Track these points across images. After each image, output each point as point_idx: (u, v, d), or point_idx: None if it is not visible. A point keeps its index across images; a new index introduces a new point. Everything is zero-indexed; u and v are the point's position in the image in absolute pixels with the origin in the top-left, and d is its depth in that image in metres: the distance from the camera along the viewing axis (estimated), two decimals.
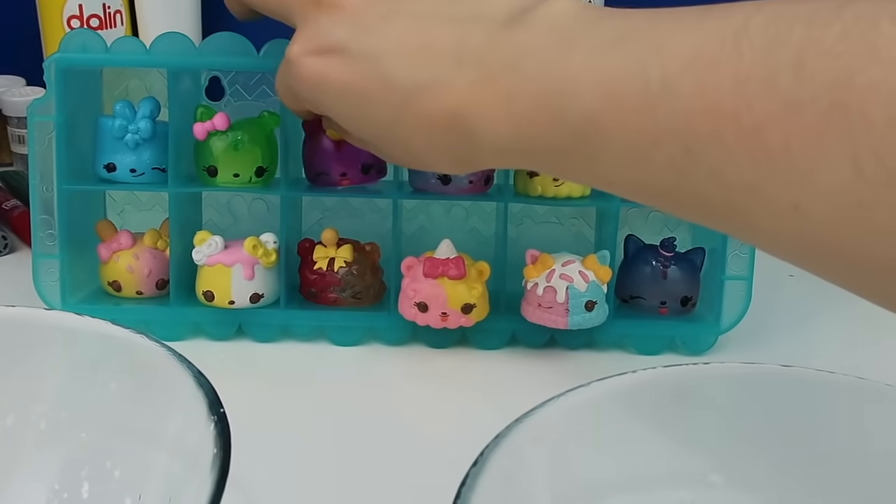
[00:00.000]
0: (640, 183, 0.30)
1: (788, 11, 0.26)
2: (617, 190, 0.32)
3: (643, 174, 0.29)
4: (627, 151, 0.29)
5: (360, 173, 0.53)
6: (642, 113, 0.28)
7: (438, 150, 0.36)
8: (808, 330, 0.58)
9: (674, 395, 0.36)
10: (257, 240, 0.53)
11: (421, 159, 0.38)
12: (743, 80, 0.26)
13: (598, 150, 0.30)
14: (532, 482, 0.31)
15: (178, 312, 0.55)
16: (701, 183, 0.28)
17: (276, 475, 0.41)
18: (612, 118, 0.29)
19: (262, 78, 0.59)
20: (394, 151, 0.39)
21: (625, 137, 0.29)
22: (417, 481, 0.41)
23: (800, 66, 0.25)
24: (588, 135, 0.30)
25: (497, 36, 0.33)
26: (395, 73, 0.35)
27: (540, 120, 0.32)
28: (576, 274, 0.51)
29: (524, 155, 0.33)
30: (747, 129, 0.26)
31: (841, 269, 0.27)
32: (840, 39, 0.24)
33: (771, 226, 0.27)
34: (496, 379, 0.52)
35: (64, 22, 0.75)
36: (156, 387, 0.34)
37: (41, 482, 0.35)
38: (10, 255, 0.67)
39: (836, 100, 0.24)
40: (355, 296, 0.56)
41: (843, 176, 0.24)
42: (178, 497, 0.30)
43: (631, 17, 0.31)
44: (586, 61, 0.30)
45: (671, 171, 0.28)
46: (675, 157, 0.28)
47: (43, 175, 0.54)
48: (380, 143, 0.39)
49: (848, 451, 0.35)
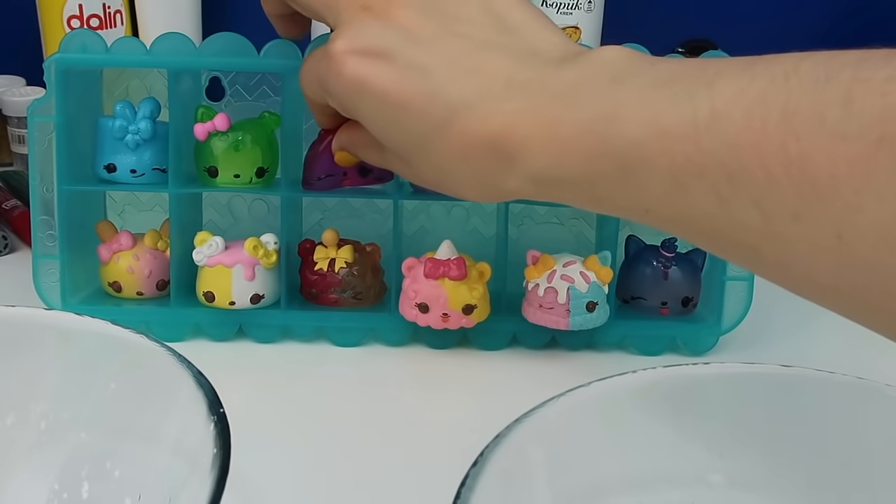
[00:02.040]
0: (679, 212, 0.30)
1: (837, 58, 0.27)
2: (652, 218, 0.32)
3: (684, 203, 0.30)
4: (671, 180, 0.30)
5: (359, 175, 0.53)
6: (689, 142, 0.29)
7: (470, 172, 0.36)
8: (808, 330, 0.58)
9: (674, 395, 0.36)
10: (258, 240, 0.53)
11: (449, 179, 0.37)
12: (791, 113, 0.26)
13: (640, 178, 0.30)
14: (532, 482, 0.31)
15: (178, 313, 0.55)
16: (742, 211, 0.28)
17: (277, 475, 0.41)
18: (659, 146, 0.29)
19: (263, 78, 0.59)
20: (420, 168, 0.38)
21: (670, 166, 0.29)
22: (417, 481, 0.41)
23: (848, 101, 0.25)
24: (632, 161, 0.30)
25: (549, 71, 0.34)
26: (443, 87, 0.35)
27: (583, 145, 0.32)
28: (577, 275, 0.51)
29: (559, 184, 0.33)
30: (794, 159, 0.26)
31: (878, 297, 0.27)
32: (888, 81, 0.25)
33: (809, 257, 0.28)
34: (497, 379, 0.52)
35: (64, 22, 0.75)
36: (156, 387, 0.34)
37: (41, 482, 0.35)
38: (10, 255, 0.67)
39: (884, 134, 0.25)
40: (356, 296, 0.56)
41: (890, 207, 0.25)
42: (177, 497, 0.30)
43: (682, 62, 0.32)
44: (636, 94, 0.31)
45: (713, 200, 0.29)
46: (718, 186, 0.28)
47: (43, 175, 0.54)
48: (409, 157, 0.38)
49: (848, 451, 0.35)
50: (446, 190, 0.38)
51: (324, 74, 0.39)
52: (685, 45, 0.79)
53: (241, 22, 0.85)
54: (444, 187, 0.38)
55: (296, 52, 0.52)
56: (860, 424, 0.35)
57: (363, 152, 0.44)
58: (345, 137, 0.45)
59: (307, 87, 0.42)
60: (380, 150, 0.41)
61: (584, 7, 0.75)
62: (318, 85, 0.40)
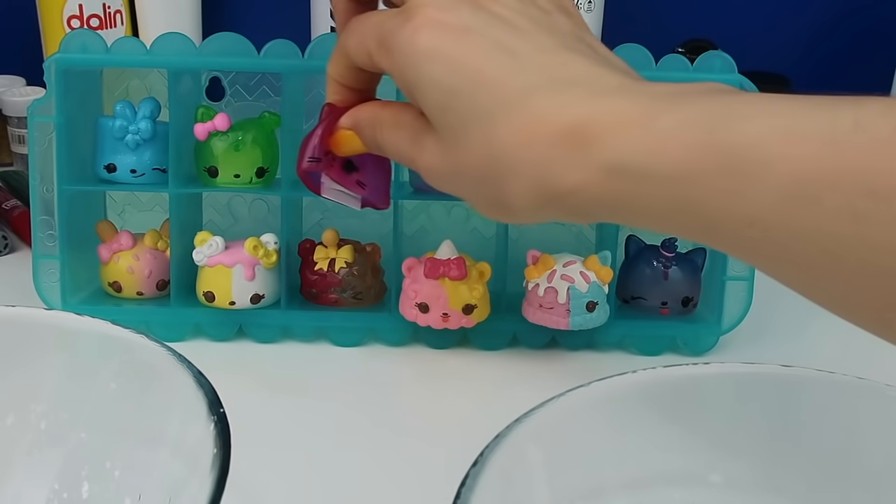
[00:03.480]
0: (798, 227, 0.26)
1: None
2: (758, 230, 0.27)
3: (806, 217, 0.26)
4: (793, 188, 0.26)
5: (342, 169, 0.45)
6: (825, 149, 0.26)
7: (530, 158, 0.31)
8: (808, 330, 0.58)
9: (674, 395, 0.36)
10: (258, 240, 0.53)
11: (500, 164, 0.32)
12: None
13: (752, 182, 0.27)
14: (532, 482, 0.31)
15: (178, 313, 0.55)
16: (883, 229, 0.25)
17: (277, 475, 0.41)
18: (784, 150, 0.26)
19: (263, 78, 0.59)
20: (469, 150, 0.33)
21: (795, 172, 0.26)
22: (418, 481, 0.41)
23: None
24: (746, 162, 0.27)
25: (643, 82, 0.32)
26: (527, 67, 0.32)
27: (684, 137, 0.28)
28: (577, 274, 0.51)
29: (642, 178, 0.29)
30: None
31: None
32: None
33: None
34: (497, 379, 0.52)
35: (64, 22, 0.75)
36: (156, 387, 0.34)
37: (41, 482, 0.35)
38: (10, 255, 0.67)
39: None
40: (356, 296, 0.56)
41: None
42: (178, 497, 0.30)
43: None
44: (755, 99, 0.28)
45: (845, 216, 0.25)
46: (854, 200, 0.25)
47: (43, 175, 0.54)
48: (459, 136, 0.33)
49: (848, 451, 0.35)
50: (485, 182, 0.33)
51: (392, 30, 0.34)
52: (685, 45, 0.79)
53: (241, 22, 0.86)
54: (488, 178, 0.32)
55: (296, 52, 0.52)
56: (860, 424, 0.35)
57: (386, 133, 0.38)
58: (365, 114, 0.39)
59: (354, 39, 0.37)
60: (412, 131, 0.36)
61: (584, 7, 0.75)
62: (375, 40, 0.36)
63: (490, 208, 0.34)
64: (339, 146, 0.40)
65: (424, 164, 0.35)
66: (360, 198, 0.43)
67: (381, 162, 0.43)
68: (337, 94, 0.41)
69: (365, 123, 0.39)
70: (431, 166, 0.35)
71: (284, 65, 0.52)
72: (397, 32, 0.34)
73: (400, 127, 0.37)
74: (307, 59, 0.52)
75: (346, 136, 0.40)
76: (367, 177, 0.43)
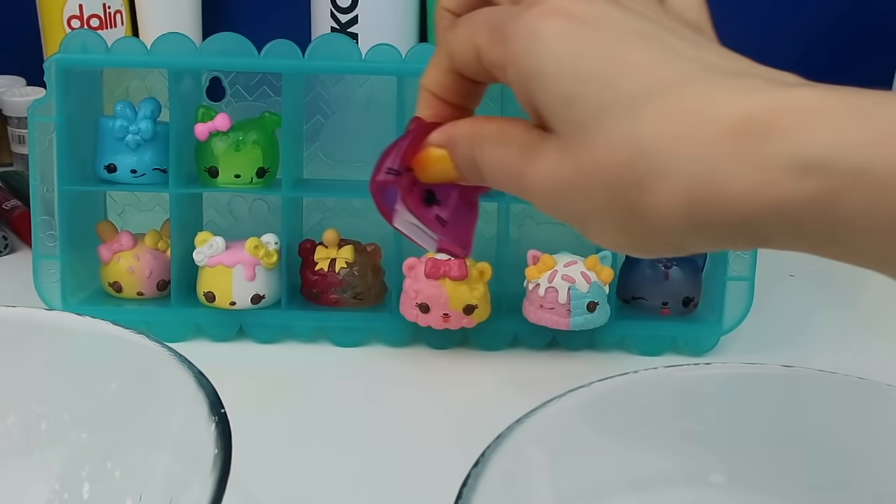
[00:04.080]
0: None
1: None
2: None
3: None
4: None
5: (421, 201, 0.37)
6: None
7: (690, 151, 0.25)
8: (808, 330, 0.58)
9: (675, 395, 0.36)
10: (258, 240, 0.53)
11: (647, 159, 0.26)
12: None
13: None
14: (533, 482, 0.31)
15: (179, 313, 0.55)
16: None
17: (278, 476, 0.41)
18: None
19: (263, 78, 0.59)
20: (607, 144, 0.27)
21: None
22: (419, 481, 0.41)
23: None
24: None
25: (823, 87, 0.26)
26: (682, 57, 0.27)
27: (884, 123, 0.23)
28: (577, 275, 0.51)
29: (843, 174, 0.23)
30: None
31: None
32: None
33: None
34: (497, 379, 0.52)
35: (64, 22, 0.75)
36: (157, 387, 0.34)
37: (42, 482, 0.35)
38: (10, 255, 0.67)
39: None
40: (356, 296, 0.56)
41: None
42: (179, 497, 0.30)
43: None
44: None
45: None
46: None
47: (43, 176, 0.54)
48: (594, 129, 0.27)
49: (848, 451, 0.35)
50: (619, 188, 0.27)
51: (510, 17, 0.30)
52: None
53: (241, 22, 0.86)
54: (625, 181, 0.26)
55: (296, 52, 0.52)
56: (861, 424, 0.35)
57: (489, 149, 0.31)
58: (463, 129, 0.32)
59: (460, 34, 0.32)
60: (522, 144, 0.30)
61: None
62: (487, 29, 0.30)
63: (619, 226, 0.28)
64: (424, 168, 0.33)
65: (539, 175, 0.29)
66: (437, 238, 0.35)
67: (467, 200, 0.35)
68: (429, 107, 0.34)
69: (462, 139, 0.32)
70: (548, 176, 0.29)
71: (285, 65, 0.52)
72: (516, 19, 0.29)
73: (507, 142, 0.31)
74: (307, 59, 0.52)
75: (435, 157, 0.33)
76: (449, 214, 0.35)
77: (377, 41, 0.53)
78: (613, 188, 0.27)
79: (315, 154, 0.60)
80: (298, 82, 0.56)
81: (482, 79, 0.32)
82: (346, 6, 0.74)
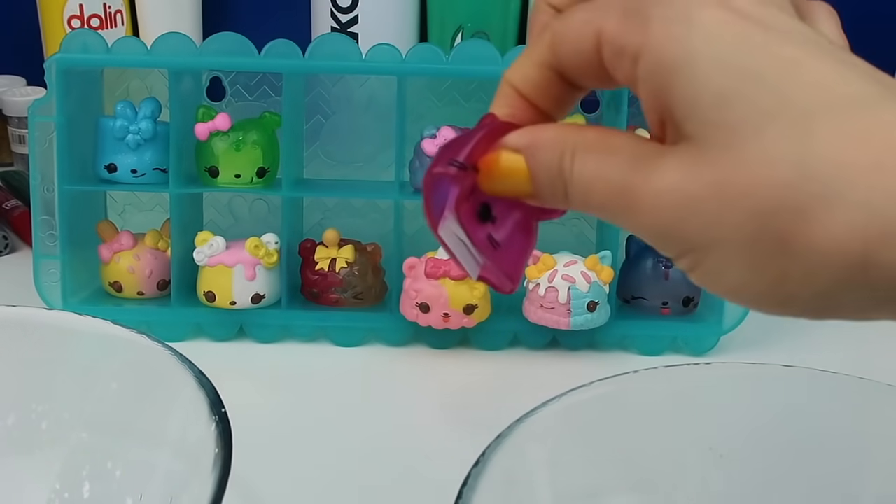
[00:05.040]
0: None
1: None
2: None
3: None
4: None
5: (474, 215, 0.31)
6: None
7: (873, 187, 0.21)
8: (808, 330, 0.58)
9: (674, 395, 0.36)
10: (259, 240, 0.53)
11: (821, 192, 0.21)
12: None
13: None
14: (533, 482, 0.31)
15: (179, 313, 0.55)
16: None
17: (278, 475, 0.41)
18: None
19: (263, 78, 0.59)
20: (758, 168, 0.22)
21: None
22: (419, 481, 0.41)
23: None
24: None
25: None
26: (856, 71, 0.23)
27: None
28: (578, 274, 0.51)
29: None
30: None
31: None
32: None
33: None
34: (497, 379, 0.52)
35: (65, 22, 0.75)
36: (157, 387, 0.34)
37: (42, 482, 0.35)
38: (10, 255, 0.67)
39: None
40: (357, 296, 0.56)
41: None
42: (179, 497, 0.30)
43: None
44: None
45: None
46: None
47: (44, 175, 0.54)
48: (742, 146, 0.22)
49: (849, 451, 0.35)
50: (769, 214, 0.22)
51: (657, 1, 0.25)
52: None
53: (242, 22, 0.86)
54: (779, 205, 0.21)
55: (296, 52, 0.52)
56: (861, 424, 0.35)
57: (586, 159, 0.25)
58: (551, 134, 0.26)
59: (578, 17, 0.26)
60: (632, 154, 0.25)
61: None
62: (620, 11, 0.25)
63: (751, 263, 0.22)
64: (491, 172, 0.27)
65: (657, 188, 0.23)
66: (482, 262, 0.29)
67: (526, 225, 0.29)
68: (508, 105, 0.28)
69: (549, 144, 0.26)
70: (671, 190, 0.23)
71: (285, 65, 0.52)
72: (664, 3, 0.24)
73: (612, 150, 0.25)
74: (307, 58, 0.52)
75: (508, 161, 0.27)
76: (503, 237, 0.29)
77: (377, 41, 0.53)
78: (760, 212, 0.22)
79: (315, 154, 0.60)
80: (298, 82, 0.56)
81: (586, 78, 0.27)
82: (346, 6, 0.74)
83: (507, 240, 0.29)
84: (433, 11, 0.76)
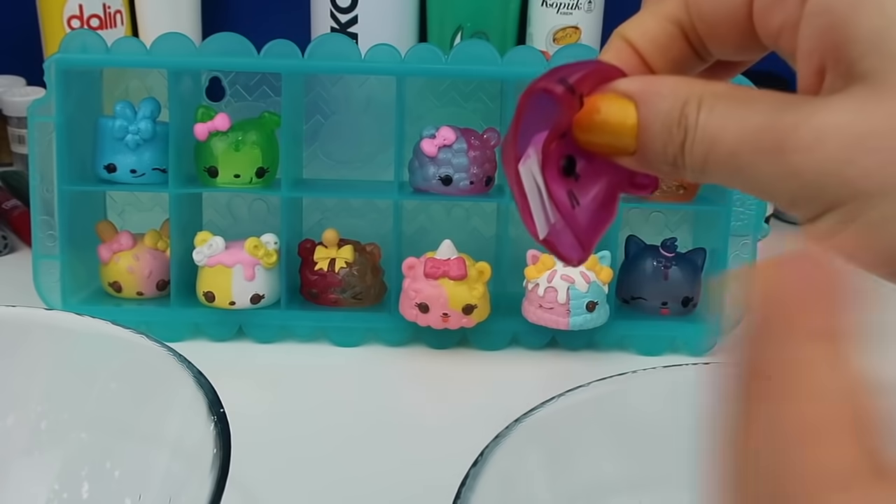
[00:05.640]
0: None
1: None
2: None
3: None
4: None
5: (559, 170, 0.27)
6: None
7: None
8: None
9: (674, 395, 0.36)
10: (258, 240, 0.53)
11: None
12: None
13: None
14: (532, 482, 0.31)
15: (178, 313, 0.55)
16: None
17: (276, 475, 0.41)
18: None
19: (263, 78, 0.59)
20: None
21: None
22: (418, 481, 0.41)
23: None
24: None
25: None
26: None
27: None
28: (577, 274, 0.51)
29: None
30: None
31: None
32: None
33: None
34: (497, 379, 0.52)
35: (64, 22, 0.75)
36: (156, 387, 0.34)
37: (41, 482, 0.35)
38: (10, 255, 0.67)
39: None
40: (356, 296, 0.56)
41: None
42: (178, 497, 0.30)
43: None
44: None
45: None
46: None
47: (43, 175, 0.54)
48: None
49: None
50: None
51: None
52: None
53: (241, 22, 0.86)
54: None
55: (296, 52, 0.52)
56: None
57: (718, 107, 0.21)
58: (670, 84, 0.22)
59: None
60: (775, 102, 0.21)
61: (584, 7, 0.75)
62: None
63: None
64: (590, 119, 0.23)
65: (826, 122, 0.20)
66: (553, 221, 0.24)
67: (609, 195, 0.25)
68: (619, 60, 0.24)
69: (668, 93, 0.22)
70: (842, 125, 0.20)
71: (284, 65, 0.52)
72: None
73: (749, 100, 0.22)
74: (307, 59, 0.52)
75: (615, 107, 0.23)
76: (585, 197, 0.25)
77: (377, 41, 0.53)
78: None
79: (315, 154, 0.60)
80: (298, 82, 0.56)
81: (722, 38, 0.24)
82: (346, 6, 0.74)
83: (587, 201, 0.25)
84: (432, 11, 0.76)
